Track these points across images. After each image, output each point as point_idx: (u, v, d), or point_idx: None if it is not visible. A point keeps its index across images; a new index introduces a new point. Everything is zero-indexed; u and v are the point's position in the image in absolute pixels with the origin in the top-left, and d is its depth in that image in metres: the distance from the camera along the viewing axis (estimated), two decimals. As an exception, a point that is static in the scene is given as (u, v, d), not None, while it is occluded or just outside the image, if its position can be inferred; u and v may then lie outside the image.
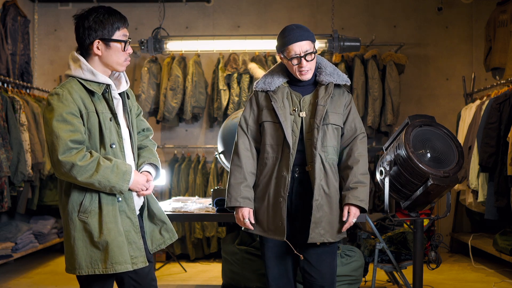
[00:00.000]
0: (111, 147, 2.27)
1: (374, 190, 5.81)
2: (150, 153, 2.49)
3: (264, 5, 6.27)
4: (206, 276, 5.09)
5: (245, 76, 5.77)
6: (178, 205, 4.03)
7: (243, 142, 2.74)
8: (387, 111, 5.78)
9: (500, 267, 5.20)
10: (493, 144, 4.76)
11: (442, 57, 6.22)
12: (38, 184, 5.26)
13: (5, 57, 5.24)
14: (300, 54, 2.63)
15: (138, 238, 2.30)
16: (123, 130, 2.34)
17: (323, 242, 2.62)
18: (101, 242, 2.20)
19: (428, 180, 2.93)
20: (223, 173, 5.86)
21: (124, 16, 2.33)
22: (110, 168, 2.19)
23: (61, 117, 2.16)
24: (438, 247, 3.49)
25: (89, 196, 2.23)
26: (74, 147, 2.16)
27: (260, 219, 2.69)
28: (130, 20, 6.15)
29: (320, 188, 2.61)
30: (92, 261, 2.21)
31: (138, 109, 2.56)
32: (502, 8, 5.50)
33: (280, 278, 2.74)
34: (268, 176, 2.66)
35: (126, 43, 2.30)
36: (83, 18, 2.27)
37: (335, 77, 2.70)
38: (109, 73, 2.34)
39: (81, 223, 2.22)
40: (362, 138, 2.72)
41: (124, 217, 2.28)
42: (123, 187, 2.23)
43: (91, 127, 2.24)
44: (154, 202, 2.48)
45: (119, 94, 2.37)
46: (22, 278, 4.97)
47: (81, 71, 2.25)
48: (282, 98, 2.68)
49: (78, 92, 2.22)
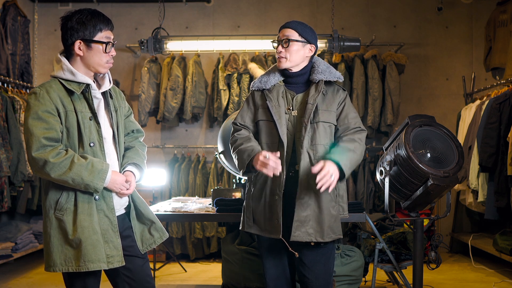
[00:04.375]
0: (90, 146, 2.28)
1: (374, 190, 5.81)
2: (135, 153, 2.47)
3: (264, 5, 6.27)
4: (206, 276, 5.09)
5: (245, 76, 5.77)
6: (178, 205, 4.03)
7: (238, 132, 2.76)
8: (387, 111, 5.77)
9: (500, 267, 5.20)
10: (493, 144, 4.76)
11: (442, 57, 6.22)
12: (38, 184, 5.27)
13: (5, 57, 5.24)
14: (281, 39, 2.68)
15: (115, 238, 2.30)
16: (105, 130, 2.35)
17: (312, 241, 2.60)
18: (74, 240, 2.22)
19: (428, 180, 2.93)
20: (223, 173, 5.86)
21: (108, 19, 2.34)
22: (84, 166, 2.20)
23: (36, 115, 2.20)
24: (438, 247, 3.49)
25: (66, 194, 2.25)
26: (49, 145, 2.19)
27: (257, 218, 2.69)
28: (130, 20, 6.21)
29: (308, 186, 2.59)
30: (66, 258, 2.23)
31: (129, 111, 2.57)
32: (502, 8, 5.50)
33: (278, 278, 2.74)
34: (264, 175, 2.65)
35: (107, 45, 2.31)
36: (67, 19, 2.31)
37: (326, 74, 2.69)
38: (91, 74, 2.35)
39: (57, 221, 2.24)
40: (359, 130, 2.70)
41: (102, 216, 2.29)
42: (98, 185, 2.23)
43: (69, 126, 2.26)
44: (140, 202, 2.48)
45: (102, 94, 2.37)
46: (22, 278, 4.97)
47: (62, 71, 2.28)
48: (277, 96, 2.69)
49: (56, 92, 2.25)
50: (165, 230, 2.50)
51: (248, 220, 2.73)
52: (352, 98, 5.71)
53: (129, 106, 2.59)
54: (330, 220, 2.63)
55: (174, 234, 5.74)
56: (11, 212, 5.50)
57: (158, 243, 2.47)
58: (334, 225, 2.64)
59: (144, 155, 2.52)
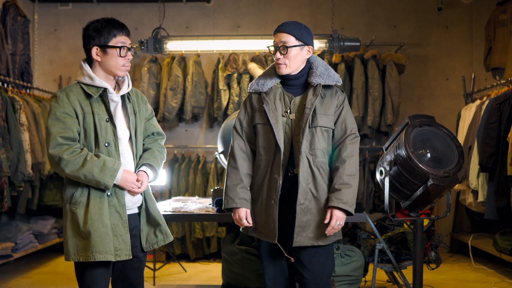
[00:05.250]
0: (105, 146, 2.44)
1: (374, 190, 5.81)
2: (151, 154, 2.59)
3: (264, 5, 6.27)
4: (206, 276, 5.09)
5: (245, 76, 5.77)
6: (178, 205, 4.03)
7: (238, 144, 2.73)
8: (387, 111, 5.77)
9: (500, 267, 5.20)
10: (493, 144, 4.75)
11: (442, 57, 6.22)
12: (38, 184, 5.27)
13: (5, 57, 5.24)
14: (278, 44, 2.63)
15: (125, 232, 2.45)
16: (120, 131, 2.49)
17: (313, 244, 2.60)
18: (85, 231, 2.38)
19: (428, 180, 2.93)
20: (223, 173, 5.86)
21: (122, 25, 2.50)
22: (96, 164, 2.37)
23: (55, 116, 2.39)
24: (438, 247, 3.48)
25: (80, 190, 2.43)
26: (65, 143, 2.37)
27: (256, 221, 2.69)
28: (130, 20, 6.21)
29: (308, 191, 2.59)
30: (78, 249, 2.40)
31: (150, 114, 2.69)
32: (502, 8, 5.50)
33: (277, 278, 2.74)
34: (261, 179, 2.65)
35: (121, 49, 2.46)
36: (86, 29, 2.49)
37: (325, 77, 2.64)
38: (111, 78, 2.50)
39: (71, 214, 2.42)
40: (353, 139, 2.65)
41: (113, 211, 2.45)
42: (108, 183, 2.38)
43: (86, 127, 2.43)
44: (152, 204, 2.61)
45: (122, 97, 2.52)
46: (22, 278, 4.97)
47: (82, 76, 2.47)
48: (274, 99, 2.65)
49: (76, 95, 2.43)
50: (170, 233, 2.63)
51: None
52: (352, 98, 5.71)
53: (152, 109, 2.72)
54: None
55: (174, 234, 5.74)
56: (11, 212, 5.49)
57: (161, 245, 2.59)
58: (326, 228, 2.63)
59: (161, 157, 2.64)
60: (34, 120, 5.11)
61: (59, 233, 5.83)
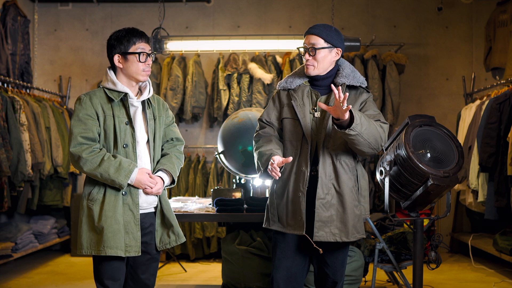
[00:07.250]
0: (123, 147, 2.60)
1: (374, 190, 5.81)
2: (168, 160, 2.72)
3: (264, 5, 6.27)
4: (206, 276, 5.09)
5: (245, 76, 5.77)
6: (178, 205, 4.03)
7: (265, 130, 2.82)
8: (387, 111, 5.78)
9: (500, 267, 5.20)
10: (493, 144, 4.75)
11: (442, 57, 6.22)
12: (38, 184, 5.26)
13: (5, 57, 5.24)
14: (307, 46, 2.71)
15: (136, 230, 2.58)
16: (139, 134, 2.65)
17: (337, 241, 2.65)
18: (98, 227, 2.53)
19: (428, 180, 2.92)
20: (223, 173, 5.86)
21: (141, 33, 2.66)
22: (112, 164, 2.52)
23: (78, 118, 2.57)
24: (438, 247, 3.48)
25: (98, 187, 2.58)
26: (85, 143, 2.54)
27: (280, 215, 2.73)
28: (130, 20, 6.21)
29: (330, 186, 2.65)
30: (92, 243, 2.55)
31: (171, 120, 2.84)
32: (502, 8, 5.50)
33: (289, 281, 2.76)
34: (287, 172, 2.71)
35: (140, 54, 2.61)
36: (109, 39, 2.66)
37: (350, 78, 2.73)
38: (133, 84, 2.67)
39: (88, 209, 2.57)
40: (381, 123, 2.69)
41: (127, 209, 2.59)
42: (122, 182, 2.52)
43: (107, 128, 2.59)
44: (166, 206, 2.73)
45: (142, 102, 2.68)
46: (22, 278, 4.97)
47: (106, 82, 2.66)
48: (302, 96, 2.74)
49: (98, 98, 2.61)
50: (182, 235, 2.75)
51: (273, 216, 2.77)
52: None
53: (173, 116, 2.88)
54: (354, 219, 2.68)
55: (174, 234, 5.74)
56: (11, 212, 5.49)
57: (173, 245, 2.72)
58: (358, 224, 2.70)
59: (178, 162, 2.77)
60: (34, 120, 5.11)
61: (59, 233, 5.83)
